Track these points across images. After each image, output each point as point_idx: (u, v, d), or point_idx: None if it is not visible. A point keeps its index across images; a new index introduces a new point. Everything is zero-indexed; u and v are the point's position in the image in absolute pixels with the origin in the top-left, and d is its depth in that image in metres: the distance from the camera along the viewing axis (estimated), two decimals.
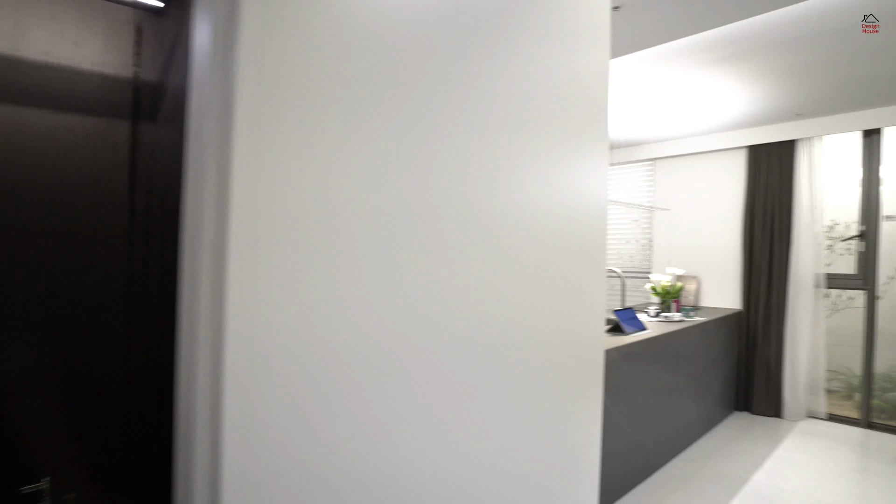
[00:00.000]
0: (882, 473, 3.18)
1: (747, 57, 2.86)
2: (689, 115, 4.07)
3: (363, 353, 0.54)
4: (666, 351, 3.19)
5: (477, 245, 0.71)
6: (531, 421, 0.83)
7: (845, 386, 4.54)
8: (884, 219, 4.07)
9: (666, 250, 5.03)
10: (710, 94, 3.53)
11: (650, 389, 3.01)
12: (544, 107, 0.84)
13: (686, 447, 3.51)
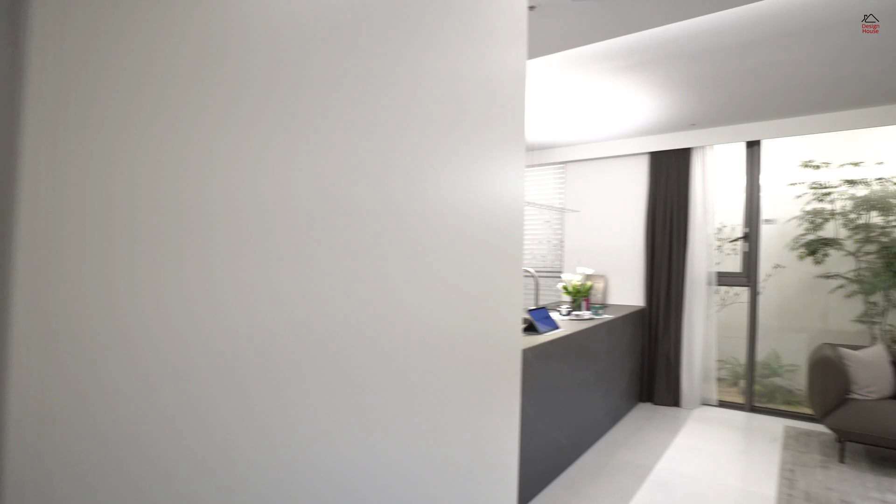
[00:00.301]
0: (763, 453, 3.49)
1: (651, 67, 3.02)
2: (599, 121, 4.25)
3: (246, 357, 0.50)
4: (577, 348, 3.29)
5: (391, 243, 0.68)
6: (448, 422, 0.80)
7: (732, 374, 4.96)
8: (763, 222, 4.49)
9: (576, 250, 5.24)
10: (617, 102, 3.70)
11: (563, 387, 3.09)
12: (460, 105, 0.81)
13: (596, 440, 3.65)
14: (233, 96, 0.49)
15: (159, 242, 0.44)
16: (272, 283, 0.53)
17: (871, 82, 3.23)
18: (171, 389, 0.46)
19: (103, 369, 0.42)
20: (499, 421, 0.98)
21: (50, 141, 0.38)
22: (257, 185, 0.52)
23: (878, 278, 4.05)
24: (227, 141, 0.49)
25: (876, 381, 3.35)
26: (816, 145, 4.47)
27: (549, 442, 2.94)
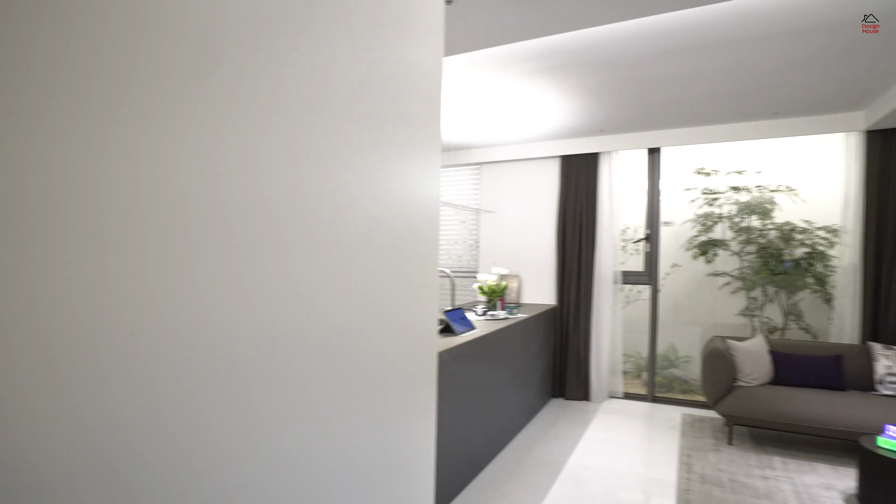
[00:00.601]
0: (664, 441, 3.71)
1: (565, 72, 3.11)
2: (514, 124, 4.33)
3: None
4: (493, 348, 3.32)
5: (299, 243, 0.65)
6: (361, 425, 0.77)
7: (636, 367, 5.27)
8: (662, 224, 4.80)
9: (491, 251, 5.31)
10: (532, 105, 3.79)
11: (479, 387, 3.09)
12: (372, 101, 0.78)
13: (511, 438, 3.70)
14: (128, 91, 0.45)
15: (55, 240, 0.41)
16: (168, 284, 0.49)
17: (756, 98, 3.54)
18: None
19: None
20: (415, 423, 0.95)
21: None
22: (152, 183, 0.48)
23: (757, 276, 4.47)
24: (122, 138, 0.45)
25: (757, 369, 3.68)
26: (708, 154, 4.87)
27: (467, 443, 2.93)
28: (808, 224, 4.36)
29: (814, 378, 3.60)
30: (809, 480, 3.02)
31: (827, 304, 4.30)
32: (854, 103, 3.70)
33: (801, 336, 4.40)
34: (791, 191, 4.48)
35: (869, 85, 3.30)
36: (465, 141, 4.96)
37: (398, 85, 0.84)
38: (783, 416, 3.31)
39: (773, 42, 2.64)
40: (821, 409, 3.25)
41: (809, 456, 3.40)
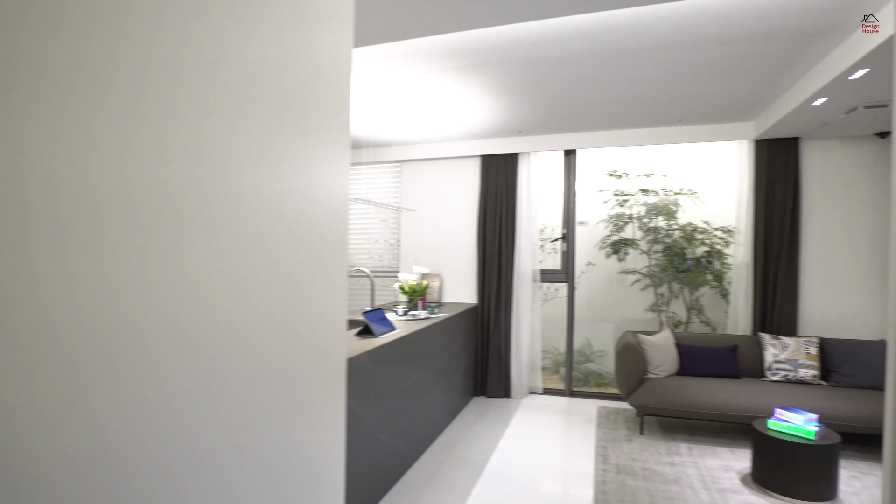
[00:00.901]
0: (581, 433, 3.82)
1: (484, 70, 3.09)
2: (435, 121, 4.28)
3: None
4: (414, 349, 3.24)
5: (190, 241, 0.60)
6: (261, 428, 0.72)
7: (554, 363, 5.41)
8: (578, 224, 4.96)
9: (412, 250, 5.24)
10: (453, 103, 3.75)
11: (400, 389, 3.00)
12: (273, 94, 0.73)
13: (434, 439, 3.64)
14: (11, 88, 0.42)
15: None
16: (56, 281, 0.46)
17: (663, 105, 3.74)
18: None
19: None
20: (321, 425, 0.89)
21: None
22: (34, 181, 0.45)
23: (663, 273, 4.74)
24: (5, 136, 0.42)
25: (665, 362, 3.88)
26: (620, 157, 5.09)
27: (388, 446, 2.83)
28: (707, 225, 4.67)
29: (714, 368, 3.85)
30: (711, 463, 3.21)
31: (724, 299, 4.63)
32: (745, 114, 4.01)
33: (703, 329, 4.71)
34: (693, 194, 4.79)
35: (758, 98, 3.59)
36: (385, 138, 4.85)
37: (301, 76, 0.79)
38: (688, 405, 3.50)
39: (678, 51, 2.78)
40: (720, 397, 3.48)
41: (711, 440, 3.63)
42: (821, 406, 3.29)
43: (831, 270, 4.17)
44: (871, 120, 3.55)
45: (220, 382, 0.64)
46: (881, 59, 2.50)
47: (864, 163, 4.11)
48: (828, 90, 2.96)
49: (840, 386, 3.61)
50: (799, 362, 3.72)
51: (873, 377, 3.55)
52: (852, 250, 4.13)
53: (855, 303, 4.11)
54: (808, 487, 2.71)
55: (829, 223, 4.18)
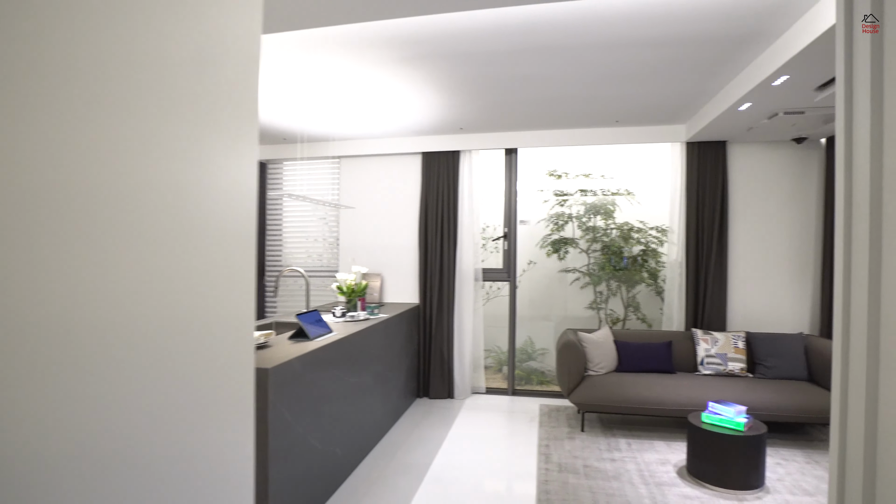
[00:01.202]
0: (524, 433, 3.81)
1: (423, 63, 3.00)
2: (374, 116, 4.15)
3: None
4: (353, 351, 3.10)
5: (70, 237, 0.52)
6: (154, 434, 0.65)
7: (496, 361, 5.41)
8: (519, 223, 4.98)
9: (352, 249, 5.08)
10: (392, 97, 3.63)
11: (337, 394, 2.86)
12: (169, 81, 0.66)
13: (375, 444, 3.51)
14: None
15: None
16: None
17: (601, 105, 3.79)
18: None
19: None
20: (225, 432, 0.79)
21: None
22: None
23: (602, 272, 4.83)
24: None
25: (605, 359, 3.94)
26: (560, 157, 5.15)
27: (324, 456, 2.68)
28: (643, 224, 4.81)
29: (650, 363, 3.95)
30: (649, 457, 3.28)
31: (659, 296, 4.79)
32: (677, 117, 4.15)
33: (639, 326, 4.84)
34: (630, 194, 4.91)
35: (689, 101, 3.71)
36: (322, 132, 4.66)
37: (201, 63, 0.71)
38: (627, 401, 3.56)
39: (613, 51, 2.80)
40: (657, 392, 3.57)
41: (649, 434, 3.71)
42: (748, 398, 3.43)
43: (755, 268, 4.39)
44: (790, 126, 3.76)
45: (109, 383, 0.58)
46: (800, 66, 2.63)
47: (782, 167, 4.36)
48: (752, 95, 3.09)
49: (765, 377, 3.80)
50: (728, 356, 3.88)
51: (793, 368, 3.76)
52: (773, 249, 4.37)
53: (775, 298, 4.35)
54: (738, 477, 2.81)
55: (753, 223, 4.40)
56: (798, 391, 3.51)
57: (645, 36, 2.63)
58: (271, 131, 4.63)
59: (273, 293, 3.53)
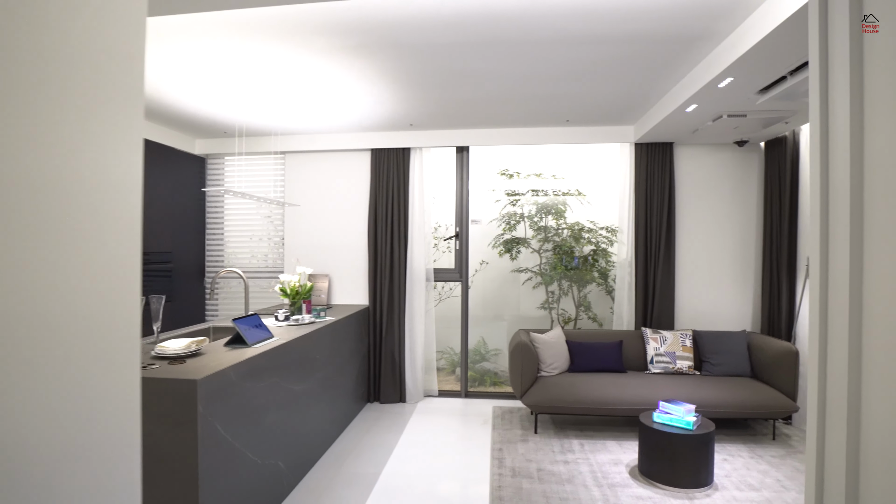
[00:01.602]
0: (477, 437, 3.72)
1: (370, 53, 2.85)
2: (321, 110, 3.96)
3: None
4: (296, 357, 2.92)
5: None
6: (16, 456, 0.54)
7: (449, 363, 5.31)
8: (471, 222, 4.90)
9: (299, 248, 4.85)
10: (339, 90, 3.47)
11: (279, 404, 2.67)
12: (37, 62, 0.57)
13: (322, 454, 3.33)
14: None
15: None
16: None
17: (551, 104, 3.76)
18: None
19: None
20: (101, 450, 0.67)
21: None
22: None
23: (553, 271, 4.83)
24: None
25: (557, 359, 3.91)
26: (512, 156, 5.11)
27: (265, 471, 2.49)
28: (593, 224, 4.84)
29: (602, 363, 3.96)
30: (602, 458, 3.26)
31: (609, 296, 4.82)
32: (626, 118, 4.18)
33: (591, 325, 4.87)
34: (580, 194, 4.93)
35: (638, 102, 3.73)
36: (265, 125, 4.42)
37: (74, 50, 0.61)
38: (580, 401, 3.54)
39: (563, 48, 2.75)
40: (609, 392, 3.56)
41: (601, 434, 3.70)
42: (697, 395, 3.48)
43: (700, 267, 4.49)
44: (732, 129, 3.85)
45: None
46: (744, 69, 2.67)
47: (725, 169, 4.48)
48: (698, 97, 3.13)
49: (711, 374, 3.87)
50: (677, 354, 3.94)
51: (737, 365, 3.85)
52: (717, 248, 4.49)
53: (719, 297, 4.46)
54: (688, 475, 2.82)
55: (698, 224, 4.50)
56: (742, 387, 3.59)
57: (595, 32, 2.59)
58: (211, 124, 4.35)
59: (209, 295, 3.29)
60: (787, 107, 3.30)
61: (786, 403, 3.48)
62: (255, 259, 5.12)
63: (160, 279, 4.41)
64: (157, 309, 2.44)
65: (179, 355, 2.29)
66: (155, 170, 4.34)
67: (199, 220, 5.02)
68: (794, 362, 3.57)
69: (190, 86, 3.38)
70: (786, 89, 2.83)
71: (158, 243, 4.39)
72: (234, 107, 3.84)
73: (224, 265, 5.08)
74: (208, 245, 5.11)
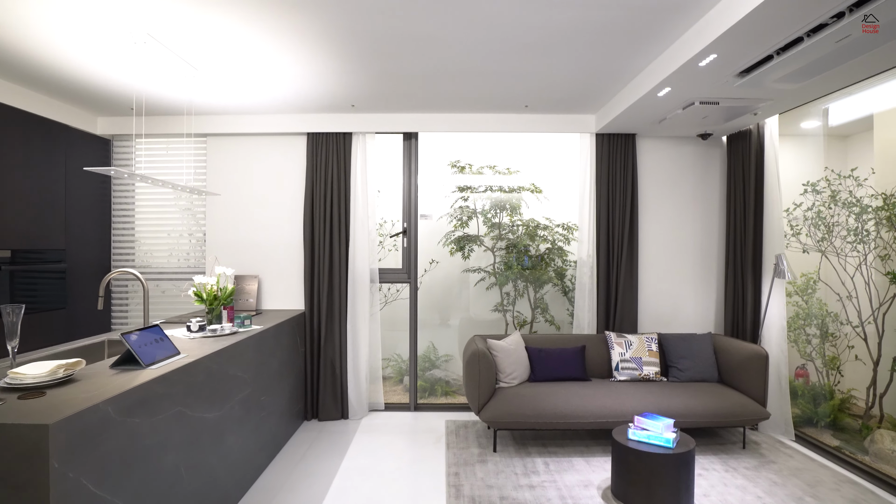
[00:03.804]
0: (429, 458, 3.29)
1: (292, 6, 2.35)
2: (244, 85, 3.40)
3: None
4: (210, 378, 2.37)
5: None
6: None
7: (397, 371, 4.84)
8: (420, 217, 4.46)
9: (223, 246, 4.24)
10: (263, 61, 2.93)
11: (185, 439, 2.13)
12: None
13: (246, 491, 2.79)
14: None
15: None
16: None
17: (508, 85, 3.38)
18: None
19: None
20: None
21: None
22: None
23: (508, 271, 4.47)
24: None
25: (517, 368, 3.55)
26: (465, 146, 4.71)
27: None
28: (549, 221, 4.53)
29: (564, 370, 3.63)
30: (570, 480, 2.91)
31: (566, 296, 4.53)
32: (589, 105, 3.89)
33: (548, 328, 4.55)
34: (538, 191, 4.60)
35: (604, 84, 3.43)
36: (182, 102, 3.79)
37: None
38: (542, 415, 3.18)
39: (524, 8, 2.37)
40: (573, 404, 3.23)
41: (566, 451, 3.36)
42: (666, 405, 3.21)
43: (663, 266, 4.27)
44: (700, 119, 3.63)
45: None
46: (731, 43, 2.38)
47: (688, 163, 4.29)
48: (675, 78, 2.84)
49: (679, 380, 3.63)
50: (643, 360, 3.67)
51: (704, 370, 3.63)
52: (680, 246, 4.28)
53: (682, 297, 4.26)
54: (668, 497, 2.51)
55: (661, 220, 4.28)
56: (711, 394, 3.36)
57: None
58: (113, 97, 3.67)
59: (101, 304, 2.68)
60: (761, 94, 3.09)
61: (756, 410, 3.28)
62: (173, 258, 4.45)
63: (50, 282, 3.68)
64: (12, 323, 1.84)
65: (39, 385, 1.72)
66: (40, 151, 3.61)
67: (104, 213, 4.30)
68: (763, 366, 3.38)
69: (85, 48, 2.74)
70: (768, 69, 2.58)
71: (48, 239, 3.66)
72: (140, 77, 3.21)
73: (135, 266, 4.38)
74: (115, 242, 4.38)
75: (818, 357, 4.02)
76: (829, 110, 3.88)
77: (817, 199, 3.80)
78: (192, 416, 2.18)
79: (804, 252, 3.95)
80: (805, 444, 3.54)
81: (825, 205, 3.74)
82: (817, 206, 3.79)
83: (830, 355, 3.98)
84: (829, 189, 3.72)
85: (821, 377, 3.94)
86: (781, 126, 3.88)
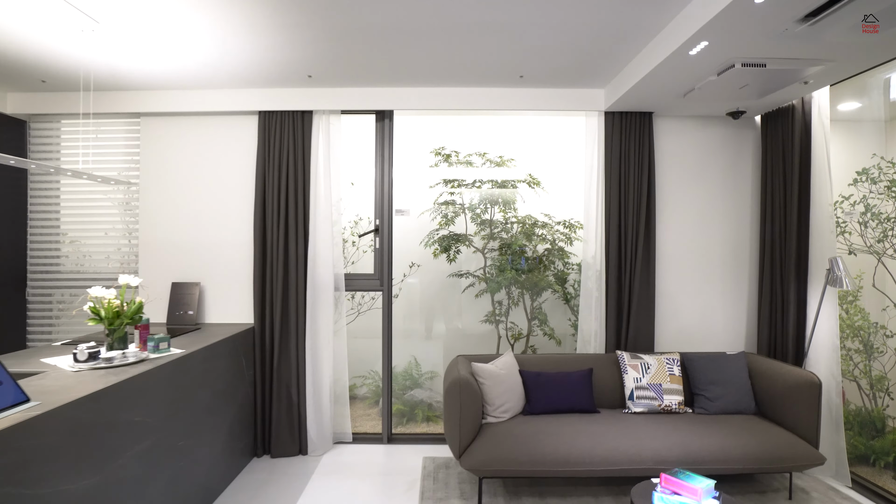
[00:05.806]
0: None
1: None
2: (182, 54, 2.72)
3: None
4: (79, 432, 1.69)
5: None
6: None
7: (373, 392, 4.17)
8: (396, 213, 3.79)
9: (158, 246, 3.56)
10: (195, 23, 2.25)
11: None
12: None
13: None
14: None
15: None
16: None
17: (503, 47, 2.71)
18: None
19: None
20: None
21: None
22: None
23: (501, 276, 3.80)
24: None
25: (509, 398, 2.87)
26: (450, 132, 4.03)
27: None
28: (548, 218, 3.85)
29: (567, 400, 2.95)
30: None
31: (567, 305, 3.86)
32: (597, 77, 3.22)
33: (546, 342, 3.88)
34: (535, 182, 3.92)
35: (615, 50, 2.76)
36: (112, 74, 3.10)
37: None
38: (540, 461, 2.51)
39: None
40: (579, 445, 2.55)
41: (569, 502, 2.70)
42: (694, 446, 2.54)
43: (686, 271, 3.59)
44: (737, 90, 2.95)
45: None
46: None
47: (716, 146, 3.61)
48: (716, 24, 2.16)
49: (707, 412, 2.96)
50: (663, 387, 2.99)
51: (739, 399, 2.96)
52: (706, 247, 3.60)
53: (709, 308, 3.58)
54: None
55: (684, 216, 3.60)
56: (750, 431, 2.69)
57: None
58: (15, 64, 2.99)
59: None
60: (821, 53, 2.41)
61: (807, 452, 2.61)
62: (112, 262, 3.77)
63: None
64: None
65: None
66: None
67: (19, 210, 3.61)
68: (816, 396, 2.70)
69: None
70: (847, 8, 1.90)
71: None
72: (44, 36, 2.52)
73: (60, 270, 3.70)
74: (33, 243, 3.70)
75: (862, 376, 3.37)
76: (890, 80, 3.20)
77: (873, 190, 3.13)
78: (35, 496, 1.50)
79: (850, 253, 3.28)
80: (865, 491, 2.87)
81: (882, 198, 3.08)
82: (868, 198, 3.13)
83: (878, 374, 3.32)
84: (884, 178, 3.05)
85: (866, 400, 3.28)
86: None
